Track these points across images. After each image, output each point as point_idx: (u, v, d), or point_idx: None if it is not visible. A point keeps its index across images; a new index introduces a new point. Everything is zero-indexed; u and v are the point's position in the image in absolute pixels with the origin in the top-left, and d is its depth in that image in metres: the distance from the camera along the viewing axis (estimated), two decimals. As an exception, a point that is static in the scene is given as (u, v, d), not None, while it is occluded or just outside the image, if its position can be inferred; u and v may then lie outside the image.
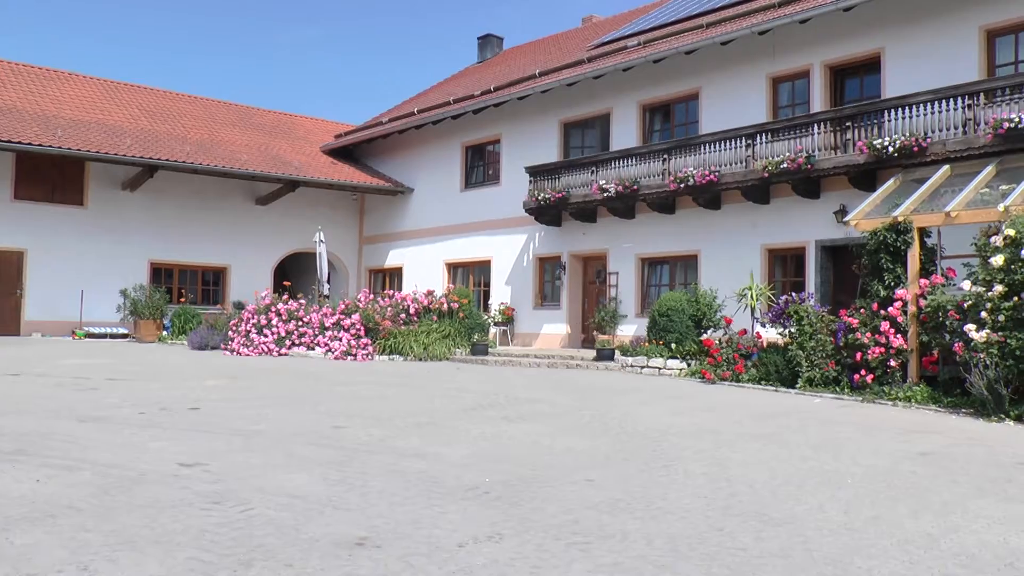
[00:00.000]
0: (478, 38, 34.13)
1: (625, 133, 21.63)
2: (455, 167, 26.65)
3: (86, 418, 8.61)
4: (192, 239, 26.65)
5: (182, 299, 26.55)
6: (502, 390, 12.66)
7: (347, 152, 30.69)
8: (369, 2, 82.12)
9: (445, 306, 20.92)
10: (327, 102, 77.56)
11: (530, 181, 22.34)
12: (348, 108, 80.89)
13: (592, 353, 18.19)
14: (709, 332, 16.66)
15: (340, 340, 19.55)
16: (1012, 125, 13.44)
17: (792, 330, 13.72)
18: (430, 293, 21.53)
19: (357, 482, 5.91)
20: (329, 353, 19.32)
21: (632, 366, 16.54)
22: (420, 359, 19.09)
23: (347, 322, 19.88)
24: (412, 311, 20.69)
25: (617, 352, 17.38)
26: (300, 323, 20.29)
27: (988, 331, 10.48)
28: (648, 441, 8.12)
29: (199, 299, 27.19)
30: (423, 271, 26.99)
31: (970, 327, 10.70)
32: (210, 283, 27.67)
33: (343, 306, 20.60)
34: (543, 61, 25.22)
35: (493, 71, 28.82)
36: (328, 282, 24.29)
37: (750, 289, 16.08)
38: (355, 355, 19.05)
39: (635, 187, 19.44)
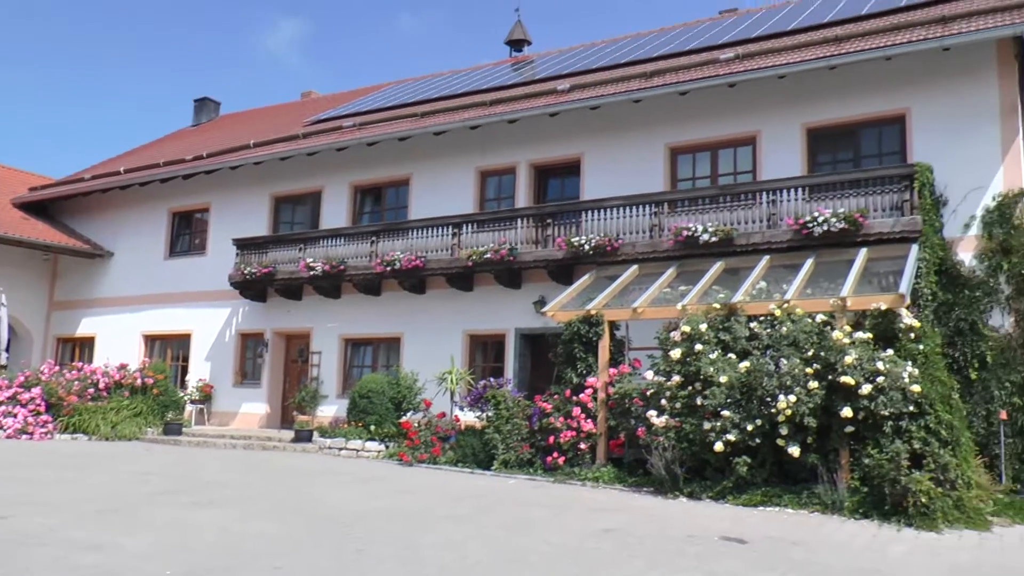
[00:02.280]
0: (195, 100, 32.70)
1: (336, 212, 21.48)
2: (160, 233, 25.04)
3: None
4: None
5: None
6: (193, 473, 11.95)
7: (42, 208, 27.82)
8: (85, 49, 76.42)
9: (139, 381, 19.61)
10: (26, 151, 70.03)
11: (237, 254, 21.46)
12: (49, 160, 73.68)
13: (291, 434, 17.53)
14: (409, 414, 16.65)
15: (15, 416, 17.76)
16: (689, 233, 14.86)
17: (490, 414, 14.03)
18: (124, 367, 20.05)
19: (11, 578, 5.17)
20: (1, 431, 17.47)
21: (331, 448, 16.10)
22: (107, 438, 17.89)
23: (26, 396, 18.14)
24: (102, 386, 19.23)
25: (316, 433, 16.89)
26: (-31, 396, 18.15)
27: (667, 417, 11.34)
28: (341, 525, 7.84)
29: None
30: (118, 342, 24.82)
31: (652, 413, 11.52)
32: None
33: (23, 378, 18.81)
34: (259, 131, 24.62)
35: (207, 136, 27.71)
36: (7, 350, 21.70)
37: (451, 373, 16.31)
38: (32, 433, 17.48)
39: (342, 267, 19.25)
